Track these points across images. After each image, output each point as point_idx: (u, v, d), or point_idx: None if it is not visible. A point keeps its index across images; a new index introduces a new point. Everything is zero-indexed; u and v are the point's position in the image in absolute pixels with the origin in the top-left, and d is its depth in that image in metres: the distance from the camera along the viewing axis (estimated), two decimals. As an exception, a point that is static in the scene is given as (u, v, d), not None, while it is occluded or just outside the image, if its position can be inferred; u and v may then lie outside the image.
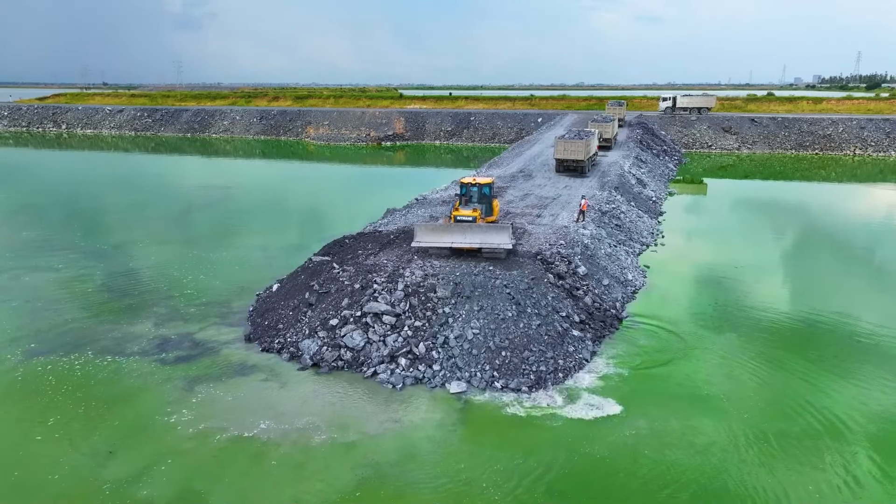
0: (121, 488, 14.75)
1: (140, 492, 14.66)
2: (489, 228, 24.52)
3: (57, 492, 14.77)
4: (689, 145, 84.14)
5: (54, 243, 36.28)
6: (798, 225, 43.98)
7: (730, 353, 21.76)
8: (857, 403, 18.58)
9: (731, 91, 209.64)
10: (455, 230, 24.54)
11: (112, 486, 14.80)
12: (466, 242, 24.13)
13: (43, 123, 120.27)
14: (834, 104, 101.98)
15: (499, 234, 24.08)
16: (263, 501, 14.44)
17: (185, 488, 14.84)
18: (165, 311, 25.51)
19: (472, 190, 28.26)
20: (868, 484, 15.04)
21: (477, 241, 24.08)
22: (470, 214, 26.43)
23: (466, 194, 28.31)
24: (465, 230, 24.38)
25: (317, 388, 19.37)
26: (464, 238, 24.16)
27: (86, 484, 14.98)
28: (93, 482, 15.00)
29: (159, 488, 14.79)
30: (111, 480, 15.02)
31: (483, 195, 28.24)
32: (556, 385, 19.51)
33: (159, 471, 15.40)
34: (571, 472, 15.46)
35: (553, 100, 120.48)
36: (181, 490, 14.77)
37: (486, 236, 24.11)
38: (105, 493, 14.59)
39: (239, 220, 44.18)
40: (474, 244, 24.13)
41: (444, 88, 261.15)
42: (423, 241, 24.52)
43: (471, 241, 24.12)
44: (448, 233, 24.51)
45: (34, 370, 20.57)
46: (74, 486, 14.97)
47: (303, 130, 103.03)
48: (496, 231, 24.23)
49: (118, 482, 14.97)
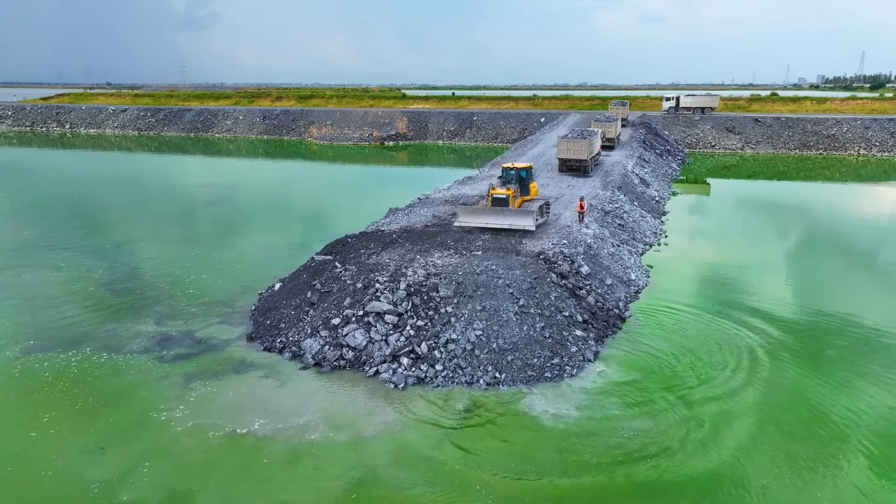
0: (110, 487, 14.67)
1: (128, 489, 14.59)
2: (517, 213, 29.21)
3: (48, 488, 14.73)
4: (692, 145, 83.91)
5: (56, 242, 36.28)
6: (802, 225, 43.77)
7: (733, 353, 21.61)
8: (862, 404, 18.41)
9: (735, 91, 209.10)
10: (489, 213, 29.37)
11: (100, 485, 14.71)
12: (497, 223, 28.89)
13: (47, 123, 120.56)
14: (838, 104, 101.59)
15: (524, 217, 28.89)
16: (246, 500, 14.29)
17: (172, 485, 14.74)
18: (167, 310, 25.46)
19: (510, 173, 31.90)
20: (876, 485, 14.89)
21: (507, 223, 28.87)
22: (504, 193, 30.16)
23: (505, 176, 31.82)
24: (497, 213, 29.15)
25: (316, 387, 19.27)
26: (496, 220, 29.01)
27: (75, 481, 14.93)
28: (82, 479, 14.95)
29: (146, 486, 14.72)
30: (100, 478, 14.94)
31: (521, 178, 31.88)
32: (557, 385, 19.39)
33: (147, 468, 15.33)
34: (566, 474, 15.21)
35: (556, 100, 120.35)
36: (167, 487, 14.67)
37: (515, 219, 28.91)
38: (94, 492, 14.51)
39: (241, 219, 44.14)
40: (503, 225, 28.81)
41: (447, 88, 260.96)
42: (464, 221, 29.38)
43: (501, 223, 28.85)
44: (484, 215, 29.40)
45: (31, 367, 20.55)
46: (65, 482, 14.92)
47: (306, 130, 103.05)
48: (522, 215, 29.01)
49: (108, 480, 14.89)
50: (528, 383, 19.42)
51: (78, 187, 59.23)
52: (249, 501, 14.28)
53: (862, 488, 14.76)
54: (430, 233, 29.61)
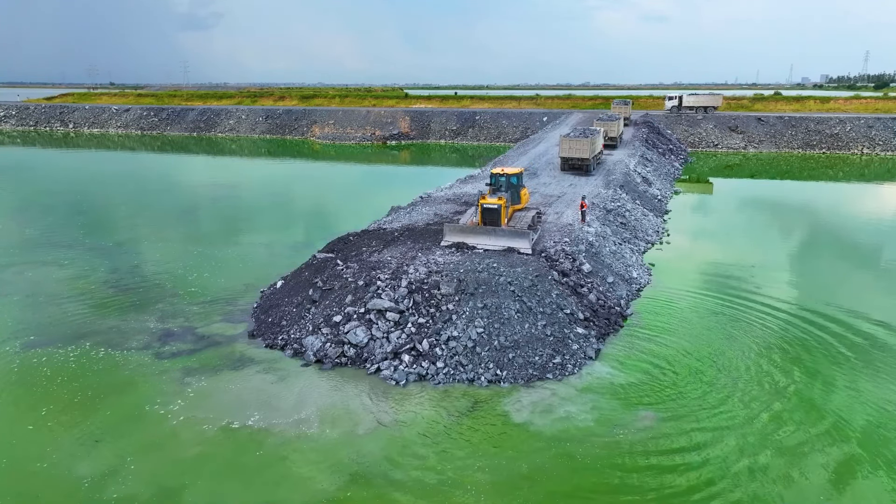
0: (102, 480, 14.70)
1: (119, 481, 14.64)
2: (511, 233, 26.24)
3: (43, 480, 14.79)
4: (695, 144, 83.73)
5: (59, 240, 36.37)
6: (804, 224, 43.62)
7: (735, 353, 21.54)
8: (868, 406, 18.33)
9: (738, 90, 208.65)
10: (481, 232, 26.45)
11: (91, 480, 14.73)
12: (489, 244, 26.04)
13: (50, 123, 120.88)
14: (842, 103, 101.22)
15: (519, 239, 25.91)
16: (239, 495, 14.27)
17: (162, 479, 14.74)
18: (168, 307, 25.48)
19: (500, 179, 29.28)
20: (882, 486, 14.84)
21: (499, 244, 26.02)
22: (495, 203, 27.37)
23: (495, 184, 29.25)
24: (489, 233, 26.28)
25: (316, 383, 19.26)
26: (487, 240, 26.14)
27: (69, 473, 14.98)
28: (75, 472, 15.00)
29: (136, 478, 14.76)
30: (91, 473, 14.96)
31: (511, 184, 29.30)
32: (558, 383, 19.35)
33: (140, 461, 15.37)
34: (564, 474, 15.08)
35: (558, 99, 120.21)
36: (156, 482, 14.66)
37: (508, 240, 25.97)
38: (84, 486, 14.53)
39: (244, 217, 44.17)
40: (495, 246, 25.94)
41: (449, 88, 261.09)
42: (451, 240, 26.52)
43: (494, 244, 26.00)
44: (473, 234, 26.49)
45: (30, 362, 20.61)
46: (59, 475, 14.96)
47: (308, 130, 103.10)
48: (517, 236, 26.02)
49: (100, 473, 14.94)
50: (530, 381, 19.38)
51: (81, 186, 59.36)
52: (238, 498, 14.20)
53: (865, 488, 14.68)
54: (431, 231, 29.58)
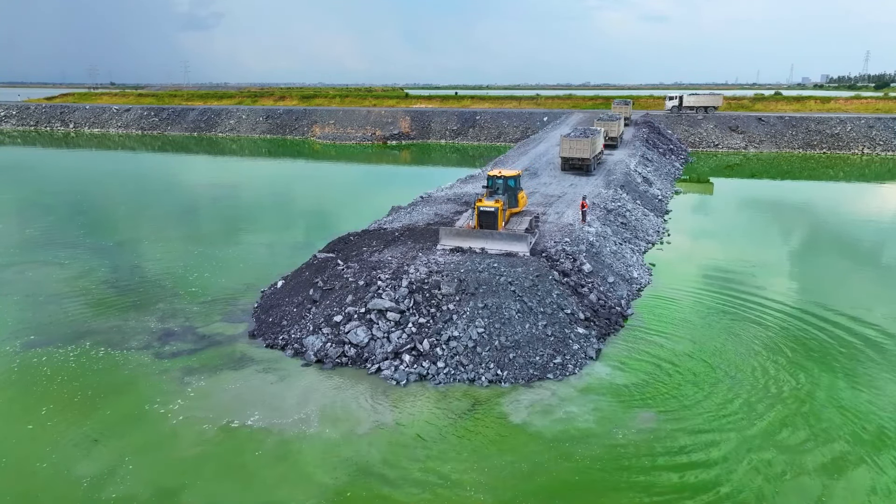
0: (100, 479, 14.71)
1: (118, 480, 14.64)
2: (509, 236, 25.85)
3: (42, 479, 14.79)
4: (695, 144, 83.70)
5: (59, 240, 36.36)
6: (805, 224, 43.59)
7: (736, 353, 21.52)
8: (872, 405, 18.30)
9: (738, 90, 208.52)
10: (478, 235, 26.00)
11: (91, 480, 14.73)
12: (486, 248, 25.68)
13: (51, 122, 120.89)
14: (842, 103, 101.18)
15: (517, 242, 25.53)
16: (238, 495, 14.26)
17: (161, 479, 14.73)
18: (168, 307, 25.47)
19: (497, 182, 29.07)
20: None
21: (497, 248, 25.63)
22: (492, 206, 26.95)
23: (492, 186, 29.05)
24: (486, 237, 25.89)
25: (316, 383, 19.24)
26: (485, 243, 25.76)
27: (68, 473, 14.98)
28: (74, 471, 15.00)
29: (135, 478, 14.76)
30: (91, 472, 14.96)
31: (508, 187, 29.05)
32: (558, 383, 19.34)
33: (138, 461, 15.37)
34: (561, 472, 15.06)
35: (559, 99, 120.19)
36: (156, 481, 14.65)
37: (506, 244, 25.59)
38: (84, 486, 14.53)
39: (244, 217, 44.15)
40: (493, 250, 25.56)
41: (449, 88, 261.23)
42: (448, 244, 26.04)
43: (491, 248, 25.63)
44: (470, 238, 26.05)
45: (30, 361, 20.60)
46: (58, 474, 14.96)
47: (309, 129, 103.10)
48: (515, 240, 25.63)
49: (99, 472, 14.94)
50: (530, 381, 19.37)
51: (81, 186, 59.36)
52: (237, 497, 14.18)
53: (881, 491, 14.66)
54: (432, 231, 29.55)
